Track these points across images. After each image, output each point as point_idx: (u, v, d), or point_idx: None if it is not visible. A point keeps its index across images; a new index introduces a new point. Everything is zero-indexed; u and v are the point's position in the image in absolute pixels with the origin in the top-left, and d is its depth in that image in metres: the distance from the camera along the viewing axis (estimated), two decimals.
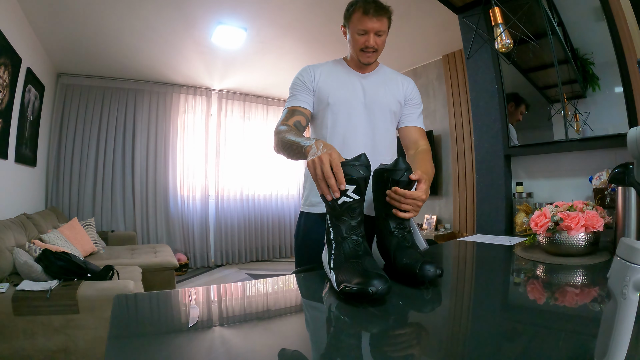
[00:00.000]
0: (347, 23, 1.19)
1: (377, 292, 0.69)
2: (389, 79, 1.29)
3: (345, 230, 0.82)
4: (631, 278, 0.36)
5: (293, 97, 1.24)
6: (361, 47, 1.17)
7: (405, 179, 0.88)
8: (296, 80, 1.25)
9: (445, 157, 4.17)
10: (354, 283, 0.71)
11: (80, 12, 2.98)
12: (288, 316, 0.76)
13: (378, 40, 1.16)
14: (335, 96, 1.22)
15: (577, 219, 1.05)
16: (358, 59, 1.21)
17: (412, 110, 1.31)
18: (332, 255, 0.82)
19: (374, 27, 1.14)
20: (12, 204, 2.91)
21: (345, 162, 0.80)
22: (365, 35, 1.15)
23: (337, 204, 0.80)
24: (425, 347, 0.58)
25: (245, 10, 3.09)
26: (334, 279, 0.79)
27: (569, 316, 0.68)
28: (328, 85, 1.23)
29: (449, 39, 3.64)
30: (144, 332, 0.64)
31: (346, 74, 1.26)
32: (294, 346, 0.58)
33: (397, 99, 1.27)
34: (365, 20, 1.13)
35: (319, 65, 1.27)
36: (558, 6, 1.69)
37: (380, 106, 1.24)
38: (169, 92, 4.90)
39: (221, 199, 5.20)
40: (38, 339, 1.79)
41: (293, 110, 1.22)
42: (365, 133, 1.22)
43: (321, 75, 1.24)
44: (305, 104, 1.23)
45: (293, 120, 1.19)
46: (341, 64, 1.29)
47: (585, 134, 1.64)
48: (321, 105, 1.23)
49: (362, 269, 0.75)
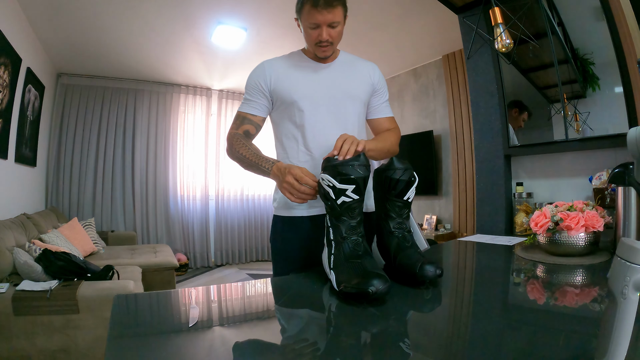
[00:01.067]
0: (299, 16, 1.10)
1: (376, 292, 0.69)
2: (353, 66, 1.22)
3: (345, 230, 0.82)
4: (631, 278, 0.36)
5: (246, 100, 1.17)
6: (315, 41, 1.08)
7: (405, 177, 0.88)
8: (249, 82, 1.16)
9: (445, 157, 4.17)
10: (353, 283, 0.72)
11: (80, 12, 2.98)
12: (287, 316, 0.76)
13: (332, 32, 1.07)
14: (299, 92, 1.13)
15: (577, 219, 1.05)
16: (314, 54, 1.14)
17: (381, 100, 1.27)
18: (332, 256, 0.82)
19: (325, 20, 1.04)
20: (12, 204, 2.90)
21: (345, 162, 0.80)
22: (318, 28, 1.06)
23: (336, 204, 0.80)
24: (425, 347, 0.58)
25: (245, 10, 3.09)
26: (334, 279, 0.79)
27: (569, 316, 0.68)
28: (289, 81, 1.13)
29: (449, 39, 3.64)
30: (144, 332, 0.64)
31: (307, 66, 1.17)
32: (294, 346, 0.58)
33: (365, 88, 1.21)
34: (315, 14, 1.03)
35: (276, 61, 1.17)
36: (558, 6, 1.69)
37: (349, 97, 1.17)
38: (169, 92, 4.90)
39: (221, 199, 5.20)
40: (38, 339, 1.79)
41: (243, 117, 1.16)
42: (336, 126, 1.14)
43: (279, 71, 1.14)
44: (256, 110, 1.16)
45: (243, 128, 1.15)
46: (300, 55, 1.20)
47: (585, 134, 1.64)
48: (284, 103, 1.14)
49: (361, 269, 0.75)
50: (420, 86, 4.51)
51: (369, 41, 3.76)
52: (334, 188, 0.80)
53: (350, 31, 3.49)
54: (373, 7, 3.05)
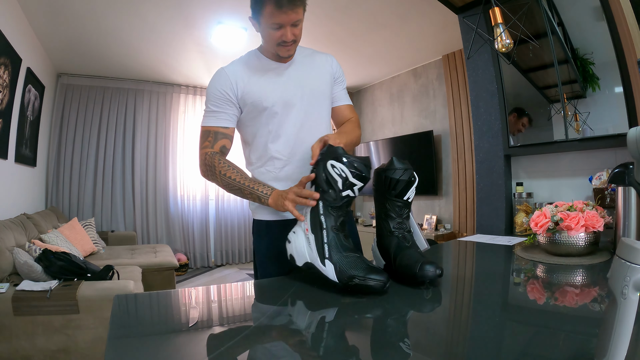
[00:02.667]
0: (258, 17, 1.05)
1: (386, 286, 0.74)
2: (313, 61, 1.19)
3: (338, 222, 0.84)
4: (631, 278, 0.36)
5: (212, 113, 1.10)
6: (278, 41, 1.05)
7: (405, 177, 0.88)
8: (214, 92, 1.09)
9: (445, 157, 4.17)
10: (364, 276, 0.74)
11: (80, 12, 2.98)
12: (286, 316, 0.76)
13: (296, 30, 1.05)
14: (270, 98, 1.08)
15: (577, 219, 1.05)
16: (277, 54, 1.10)
17: (340, 88, 1.26)
18: (326, 245, 0.81)
19: (290, 20, 1.01)
20: (12, 204, 2.90)
21: (363, 160, 0.82)
22: (281, 29, 1.02)
23: (341, 195, 0.82)
24: (425, 347, 0.58)
25: (245, 10, 3.06)
26: (332, 270, 0.78)
27: (569, 316, 0.68)
28: (258, 86, 1.09)
29: (449, 39, 3.64)
30: (144, 332, 0.64)
31: (270, 68, 1.13)
32: (293, 347, 0.58)
33: (327, 82, 1.19)
34: (279, 14, 0.99)
35: (235, 66, 1.12)
36: (558, 6, 1.69)
37: (318, 95, 1.15)
38: (169, 92, 4.90)
39: (221, 199, 5.20)
40: (38, 339, 1.79)
41: (215, 132, 1.09)
42: (310, 127, 1.12)
43: (243, 78, 1.09)
44: (227, 121, 1.10)
45: (219, 145, 1.09)
46: (258, 57, 1.16)
47: (585, 134, 1.64)
48: (255, 110, 1.09)
49: (363, 263, 0.77)
50: (420, 86, 4.51)
51: (369, 41, 3.76)
52: (345, 179, 0.81)
53: (350, 31, 3.51)
54: (373, 7, 3.04)
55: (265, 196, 0.99)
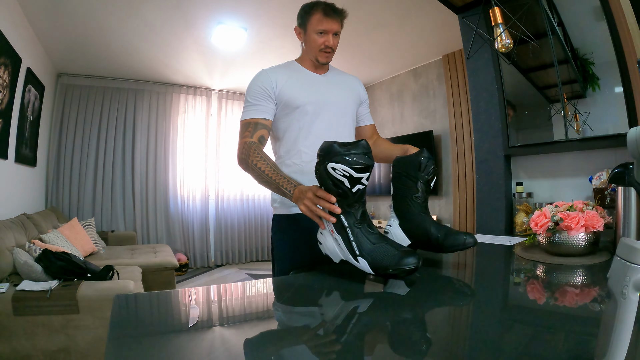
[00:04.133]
0: (305, 24, 1.21)
1: (418, 265, 0.79)
2: (344, 80, 1.34)
3: (359, 216, 0.85)
4: (631, 278, 0.36)
5: (253, 106, 1.19)
6: (320, 47, 1.20)
7: (432, 164, 1.01)
8: (255, 88, 1.20)
9: (445, 157, 4.17)
10: (399, 263, 0.78)
11: (80, 12, 2.98)
12: (286, 315, 0.76)
13: (335, 41, 1.21)
14: (304, 97, 1.20)
15: (577, 219, 1.05)
16: (316, 59, 1.23)
17: (365, 110, 1.41)
18: (353, 242, 0.83)
19: (333, 28, 1.19)
20: (12, 204, 2.90)
21: (357, 150, 0.81)
22: (325, 35, 1.19)
23: (351, 192, 0.82)
24: (425, 347, 0.58)
25: (245, 10, 3.10)
26: (365, 265, 0.81)
27: (569, 316, 0.68)
28: (293, 88, 1.20)
29: (449, 39, 3.64)
30: (144, 332, 0.64)
31: (307, 75, 1.26)
32: (291, 346, 0.58)
33: (355, 101, 1.33)
34: (326, 21, 1.17)
35: (275, 69, 1.23)
36: (558, 6, 1.69)
37: (343, 104, 1.27)
38: (169, 92, 4.90)
39: (221, 199, 5.20)
40: (38, 339, 1.79)
41: (255, 123, 1.18)
42: (337, 130, 1.24)
43: (282, 79, 1.20)
44: (267, 114, 1.19)
45: (258, 134, 1.16)
46: (296, 65, 1.28)
47: (585, 134, 1.64)
48: (287, 109, 1.20)
49: (393, 250, 0.80)
50: (420, 86, 4.51)
51: (369, 41, 3.76)
52: (350, 177, 0.81)
53: (350, 31, 3.50)
54: (373, 7, 3.05)
55: (290, 194, 1.01)
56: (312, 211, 0.89)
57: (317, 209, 0.88)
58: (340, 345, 0.57)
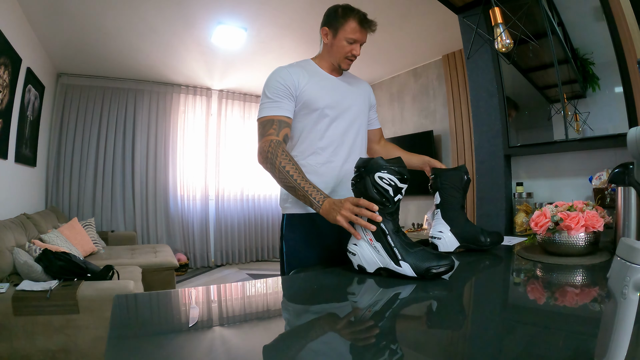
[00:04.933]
0: (337, 28, 1.18)
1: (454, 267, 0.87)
2: (357, 84, 1.34)
3: (396, 224, 0.91)
4: (631, 278, 0.36)
5: (275, 103, 1.15)
6: (347, 54, 1.20)
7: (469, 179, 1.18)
8: (276, 84, 1.16)
9: (445, 157, 4.17)
10: (441, 265, 0.85)
11: (80, 12, 2.98)
12: (285, 316, 0.76)
13: (360, 50, 1.21)
14: (323, 101, 1.19)
15: (577, 219, 1.05)
16: (338, 65, 1.23)
17: (374, 115, 1.46)
18: (395, 248, 0.88)
19: (363, 39, 1.20)
20: (12, 204, 2.90)
21: (401, 164, 0.90)
22: (354, 44, 1.19)
23: (394, 201, 0.90)
24: (424, 346, 0.58)
25: (245, 10, 3.09)
26: (408, 269, 0.86)
27: (569, 316, 0.68)
28: (314, 90, 1.19)
29: (449, 39, 3.64)
30: (144, 332, 0.64)
31: (326, 77, 1.25)
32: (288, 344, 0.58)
33: (367, 105, 1.35)
34: (359, 31, 1.17)
35: (295, 67, 1.20)
36: (558, 6, 1.69)
37: (359, 110, 1.29)
38: (169, 92, 4.91)
39: (221, 199, 5.20)
40: (38, 339, 1.79)
41: (279, 120, 1.15)
42: (352, 134, 1.25)
43: (303, 79, 1.18)
44: (288, 111, 1.17)
45: (283, 133, 1.14)
46: (313, 66, 1.26)
47: (585, 134, 1.64)
48: (306, 110, 1.19)
49: (429, 254, 0.87)
50: (420, 86, 4.51)
51: (369, 41, 3.74)
52: (395, 187, 0.89)
53: None
54: (373, 7, 3.03)
55: (318, 204, 1.01)
56: (352, 221, 0.91)
57: (357, 218, 0.90)
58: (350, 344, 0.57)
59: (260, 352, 0.55)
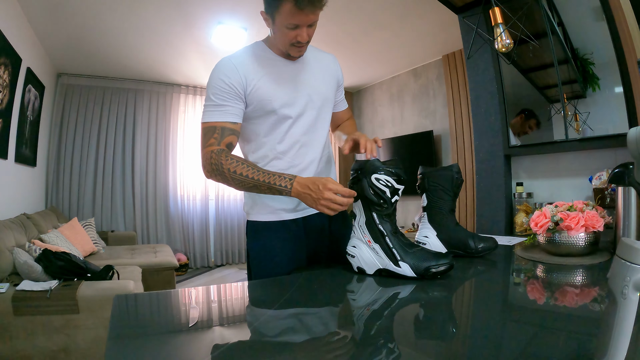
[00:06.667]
0: (273, 13, 0.98)
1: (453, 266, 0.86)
2: (320, 64, 1.16)
3: (393, 225, 0.91)
4: (631, 278, 0.36)
5: (218, 107, 1.00)
6: (292, 41, 1.00)
7: (461, 178, 1.12)
8: (218, 84, 1.00)
9: (445, 157, 4.17)
10: (440, 264, 0.85)
11: (80, 12, 2.98)
12: (284, 316, 0.76)
13: (310, 31, 1.00)
14: (280, 100, 1.03)
15: (577, 219, 1.05)
16: (287, 53, 1.05)
17: (341, 94, 1.26)
18: (393, 250, 0.88)
19: (308, 20, 0.97)
20: (12, 204, 2.90)
21: (397, 165, 0.90)
22: (297, 29, 0.98)
23: (391, 203, 0.89)
24: (424, 346, 0.58)
25: (245, 10, 3.09)
26: (407, 269, 0.86)
27: (569, 316, 0.68)
28: (268, 87, 1.03)
29: (449, 39, 3.64)
30: (144, 332, 0.64)
31: (280, 66, 1.07)
32: (292, 346, 0.58)
33: (333, 88, 1.18)
34: (299, 15, 0.94)
35: (243, 59, 1.03)
36: (558, 6, 1.69)
37: (325, 101, 1.13)
38: (169, 92, 4.90)
39: (221, 199, 5.20)
40: (38, 339, 1.79)
41: (222, 127, 0.99)
42: (315, 132, 1.11)
43: (253, 74, 1.02)
44: (235, 116, 1.01)
45: (225, 141, 1.00)
46: (264, 50, 1.08)
47: (585, 134, 1.64)
48: (261, 110, 1.03)
49: (428, 253, 0.88)
50: (420, 86, 4.51)
51: (370, 41, 3.75)
52: (392, 188, 0.88)
53: (350, 31, 3.50)
54: (373, 7, 3.04)
55: (287, 189, 0.94)
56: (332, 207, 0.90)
57: (340, 207, 0.90)
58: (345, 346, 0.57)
59: (259, 351, 0.55)
